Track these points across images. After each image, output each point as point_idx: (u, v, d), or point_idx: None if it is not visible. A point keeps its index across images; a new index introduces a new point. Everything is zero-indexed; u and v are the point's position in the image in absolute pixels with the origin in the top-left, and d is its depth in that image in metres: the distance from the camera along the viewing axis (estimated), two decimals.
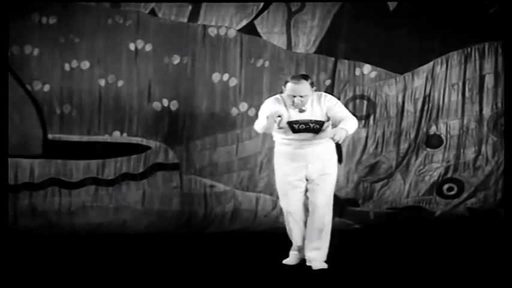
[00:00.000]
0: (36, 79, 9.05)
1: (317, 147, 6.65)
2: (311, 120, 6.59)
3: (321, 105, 6.59)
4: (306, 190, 6.71)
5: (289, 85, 6.56)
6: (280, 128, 6.50)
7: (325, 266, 6.69)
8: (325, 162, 6.70)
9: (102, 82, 9.16)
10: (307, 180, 6.68)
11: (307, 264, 6.72)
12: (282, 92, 6.66)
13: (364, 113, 9.44)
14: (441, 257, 7.18)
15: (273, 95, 6.88)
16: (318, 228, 6.70)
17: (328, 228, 6.73)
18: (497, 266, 6.76)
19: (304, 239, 6.76)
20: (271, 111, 6.50)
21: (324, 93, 6.75)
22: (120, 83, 9.18)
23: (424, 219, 9.16)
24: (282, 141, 6.67)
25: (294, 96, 6.52)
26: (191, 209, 9.11)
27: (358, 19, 9.37)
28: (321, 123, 6.59)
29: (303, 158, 6.64)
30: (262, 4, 9.31)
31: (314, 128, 6.58)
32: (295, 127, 6.58)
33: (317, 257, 6.71)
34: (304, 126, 6.58)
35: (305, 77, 6.61)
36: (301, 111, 6.58)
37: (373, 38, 9.36)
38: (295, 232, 6.79)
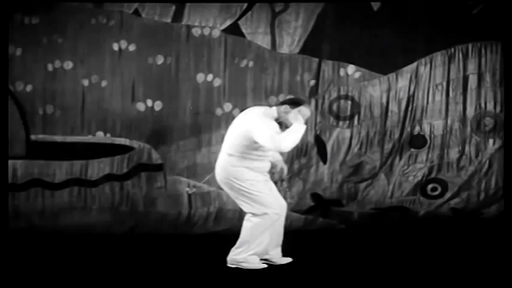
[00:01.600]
0: (19, 79, 9.00)
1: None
2: None
3: None
4: None
5: (306, 111, 6.59)
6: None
7: (289, 259, 6.79)
8: None
9: (86, 82, 9.12)
10: None
11: (268, 262, 6.72)
12: (284, 105, 6.59)
13: (348, 113, 9.46)
14: (425, 257, 7.20)
15: (258, 96, 6.84)
16: (283, 225, 6.78)
17: None
18: (481, 265, 6.79)
19: None
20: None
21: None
22: (104, 83, 9.15)
23: (408, 219, 9.17)
24: (257, 158, 6.59)
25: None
26: (175, 210, 9.08)
27: (342, 19, 9.40)
28: None
29: (265, 169, 6.72)
30: (246, 4, 9.31)
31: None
32: None
33: (278, 253, 6.80)
34: None
35: None
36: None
37: (357, 38, 9.39)
38: (269, 237, 6.69)
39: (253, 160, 6.60)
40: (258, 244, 6.62)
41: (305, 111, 6.60)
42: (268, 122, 6.55)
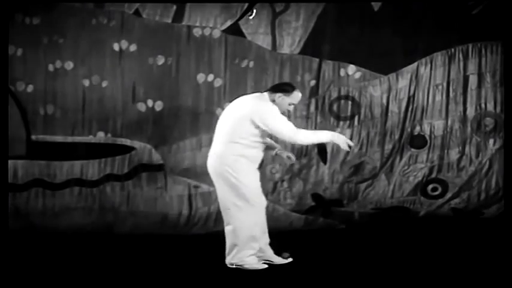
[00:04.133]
0: (20, 79, 9.01)
1: None
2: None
3: None
4: None
5: (298, 95, 6.67)
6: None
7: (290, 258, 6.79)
8: None
9: (86, 82, 9.13)
10: None
11: (268, 262, 6.71)
12: (277, 93, 6.59)
13: (348, 113, 9.47)
14: (425, 257, 7.20)
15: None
16: (265, 220, 6.77)
17: None
18: (481, 265, 6.79)
19: None
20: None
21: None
22: (105, 84, 9.15)
23: (408, 219, 9.18)
24: (255, 145, 6.57)
25: (293, 105, 6.66)
26: (176, 210, 9.08)
27: (343, 20, 9.40)
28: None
29: (260, 159, 6.69)
30: (246, 5, 9.32)
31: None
32: None
33: (270, 249, 6.78)
34: None
35: None
36: None
37: (357, 38, 9.40)
38: (258, 234, 6.64)
39: (248, 147, 6.54)
40: (250, 245, 6.60)
41: (298, 95, 6.66)
42: (275, 107, 6.55)
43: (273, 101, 6.59)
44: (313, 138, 6.68)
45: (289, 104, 6.63)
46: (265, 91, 6.70)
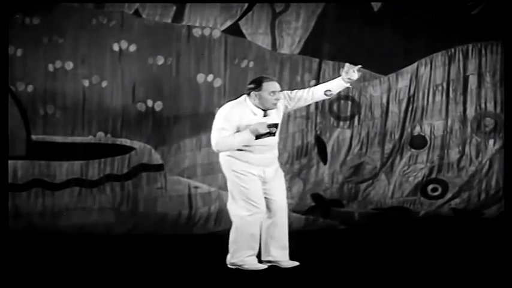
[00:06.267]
0: (20, 80, 9.01)
1: (274, 151, 6.65)
2: (274, 124, 6.53)
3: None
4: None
5: (270, 83, 6.50)
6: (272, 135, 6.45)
7: (296, 263, 6.72)
8: (277, 164, 6.74)
9: (86, 83, 9.13)
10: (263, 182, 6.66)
11: (271, 264, 6.69)
12: (250, 93, 6.49)
13: (348, 113, 9.47)
14: (425, 257, 7.20)
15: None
16: (285, 226, 6.71)
17: None
18: (481, 265, 6.79)
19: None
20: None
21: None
22: (104, 84, 9.15)
23: (408, 219, 9.18)
24: (242, 147, 6.51)
25: (275, 93, 6.48)
26: (176, 210, 9.08)
27: (343, 20, 9.41)
28: (277, 126, 6.53)
29: (262, 161, 6.58)
30: (246, 5, 9.32)
31: (274, 132, 6.51)
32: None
33: (285, 256, 6.73)
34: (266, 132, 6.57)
35: None
36: (265, 115, 6.55)
37: (357, 38, 9.39)
38: (258, 235, 6.62)
39: (237, 150, 6.49)
40: (249, 245, 6.59)
41: (270, 84, 6.50)
42: (230, 116, 6.43)
43: (256, 101, 6.53)
44: (235, 142, 6.43)
45: (270, 95, 6.45)
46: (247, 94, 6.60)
